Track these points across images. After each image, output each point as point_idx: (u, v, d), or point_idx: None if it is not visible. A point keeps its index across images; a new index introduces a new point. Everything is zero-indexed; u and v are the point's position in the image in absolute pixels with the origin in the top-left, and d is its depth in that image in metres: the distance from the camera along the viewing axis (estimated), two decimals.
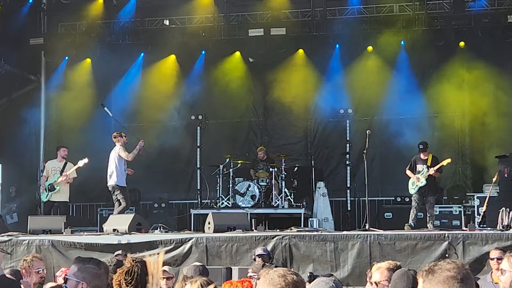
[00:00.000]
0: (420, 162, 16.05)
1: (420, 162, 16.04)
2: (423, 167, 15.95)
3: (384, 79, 20.61)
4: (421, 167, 15.97)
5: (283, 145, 21.36)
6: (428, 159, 16.00)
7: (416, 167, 16.03)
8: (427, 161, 15.97)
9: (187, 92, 21.52)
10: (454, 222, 18.39)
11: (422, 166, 15.98)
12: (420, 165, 16.01)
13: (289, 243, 12.85)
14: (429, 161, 15.95)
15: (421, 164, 16.01)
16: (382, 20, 20.09)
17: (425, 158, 16.01)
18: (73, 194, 19.04)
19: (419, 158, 16.08)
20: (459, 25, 19.72)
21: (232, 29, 20.96)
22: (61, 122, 21.65)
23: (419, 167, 16.00)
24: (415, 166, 16.07)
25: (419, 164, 16.04)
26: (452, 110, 20.58)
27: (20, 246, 13.52)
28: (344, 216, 20.44)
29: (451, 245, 12.38)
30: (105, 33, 21.19)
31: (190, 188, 21.84)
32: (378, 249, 12.56)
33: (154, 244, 13.22)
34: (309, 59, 21.24)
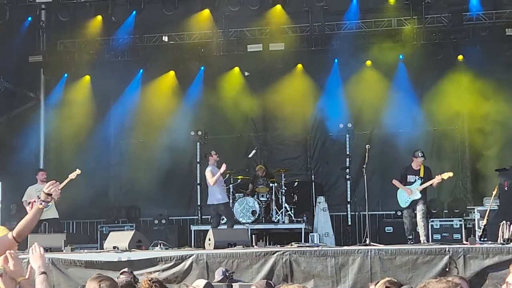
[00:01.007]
0: (411, 172, 15.27)
1: (412, 173, 15.26)
2: (415, 178, 15.20)
3: (383, 93, 20.65)
4: (412, 178, 15.22)
5: (283, 160, 21.38)
6: (420, 170, 15.24)
7: (407, 177, 15.27)
8: (419, 172, 15.21)
9: (186, 108, 21.56)
10: (455, 236, 18.37)
11: (414, 177, 15.21)
12: (411, 176, 15.24)
13: (290, 259, 12.80)
14: (422, 172, 15.16)
15: (412, 175, 15.24)
16: (380, 34, 20.15)
17: (417, 169, 15.25)
18: (73, 210, 19.09)
19: (410, 169, 15.33)
20: (457, 38, 19.82)
21: (231, 45, 21.01)
22: (61, 139, 21.66)
23: (411, 178, 15.24)
24: (406, 177, 15.32)
25: (410, 175, 15.27)
26: (452, 123, 20.62)
27: None
28: (345, 230, 20.42)
29: (452, 259, 12.33)
30: (104, 50, 21.22)
31: (190, 204, 21.84)
32: (379, 264, 12.51)
33: (154, 261, 13.17)
34: (308, 74, 21.29)
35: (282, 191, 19.28)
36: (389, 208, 19.44)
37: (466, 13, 19.65)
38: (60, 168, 19.57)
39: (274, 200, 19.21)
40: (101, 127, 21.78)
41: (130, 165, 22.19)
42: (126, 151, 22.28)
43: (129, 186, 22.34)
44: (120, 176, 22.54)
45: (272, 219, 19.14)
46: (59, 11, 20.18)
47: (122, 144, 22.39)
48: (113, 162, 22.46)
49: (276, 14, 20.08)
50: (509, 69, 19.85)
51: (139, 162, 21.88)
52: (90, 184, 19.20)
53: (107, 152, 22.22)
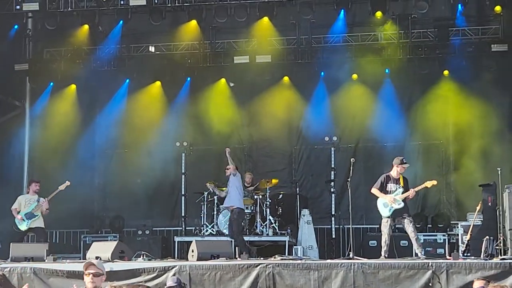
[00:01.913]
0: (391, 181, 14.57)
1: (392, 182, 14.55)
2: (396, 186, 14.47)
3: (369, 106, 20.70)
4: (393, 187, 14.49)
5: (267, 172, 21.31)
6: (400, 179, 14.56)
7: (387, 186, 14.56)
8: (399, 181, 14.55)
9: (172, 119, 21.51)
10: (438, 250, 18.37)
11: (394, 186, 14.49)
12: (392, 184, 14.53)
13: (273, 271, 12.76)
14: (402, 182, 14.51)
15: (393, 184, 14.53)
16: (367, 48, 20.20)
17: (397, 177, 14.57)
18: (56, 220, 18.94)
19: (390, 177, 14.63)
20: (443, 53, 19.92)
21: (218, 56, 21.03)
22: (45, 148, 21.52)
23: (391, 186, 14.52)
24: (385, 185, 14.57)
25: (391, 183, 14.55)
26: (437, 138, 20.68)
27: None
28: (329, 243, 20.41)
29: (435, 274, 12.31)
30: (90, 59, 21.17)
31: (174, 215, 21.76)
32: (362, 278, 12.48)
33: (137, 272, 13.09)
34: (294, 87, 21.32)
35: (266, 203, 19.25)
36: (373, 222, 19.40)
37: (452, 28, 19.74)
38: (44, 177, 19.39)
39: (259, 212, 19.16)
40: (86, 136, 21.69)
41: (114, 175, 22.10)
42: (111, 161, 22.21)
43: (113, 196, 22.26)
44: (105, 186, 22.45)
45: (256, 231, 19.08)
46: (46, 20, 20.12)
47: (107, 154, 22.30)
48: (97, 172, 22.37)
49: (263, 26, 20.09)
50: (494, 85, 19.91)
51: (123, 172, 21.79)
52: (74, 193, 19.05)
53: (92, 162, 22.12)
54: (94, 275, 8.21)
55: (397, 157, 14.89)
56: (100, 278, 8.25)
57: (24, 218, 16.48)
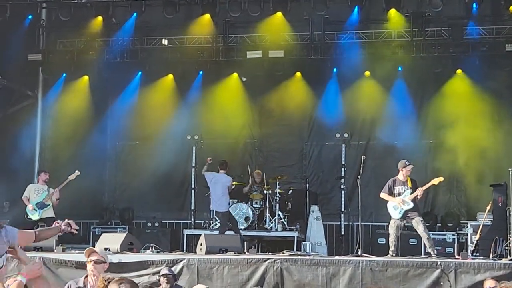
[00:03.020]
0: (399, 184, 14.72)
1: (400, 184, 14.71)
2: (404, 188, 14.61)
3: (381, 104, 20.66)
4: (402, 189, 14.63)
5: (278, 168, 21.33)
6: (407, 181, 14.70)
7: (395, 189, 14.71)
8: (407, 183, 14.68)
9: (183, 112, 21.51)
10: (447, 250, 18.32)
11: (403, 188, 14.63)
12: (400, 186, 14.67)
13: (281, 267, 12.77)
14: (409, 183, 14.64)
15: (401, 186, 14.67)
16: (380, 46, 20.09)
17: (404, 180, 14.71)
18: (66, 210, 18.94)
19: (398, 180, 14.77)
20: (456, 52, 19.78)
21: (230, 51, 20.99)
22: (57, 138, 21.59)
23: (399, 189, 14.66)
24: (393, 188, 14.73)
25: (399, 186, 14.70)
26: (448, 136, 20.54)
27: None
28: (338, 240, 20.39)
29: (444, 273, 12.31)
30: (103, 51, 21.17)
31: (184, 208, 21.80)
32: (370, 275, 12.49)
33: (145, 264, 13.13)
34: (306, 82, 21.27)
35: (276, 198, 19.26)
36: (382, 220, 19.31)
37: (466, 27, 19.63)
38: (55, 167, 19.54)
39: (268, 207, 19.19)
40: (98, 128, 21.73)
41: (125, 167, 22.18)
42: (122, 153, 22.28)
43: (124, 188, 22.33)
44: (115, 177, 22.53)
45: (265, 226, 19.10)
46: (59, 10, 20.11)
47: (118, 146, 22.37)
48: (108, 163, 22.45)
49: (276, 21, 20.05)
50: (507, 85, 19.88)
51: (134, 164, 21.86)
52: (85, 184, 19.09)
53: (103, 153, 22.18)
54: (96, 262, 8.26)
55: (401, 160, 14.99)
56: (101, 265, 8.28)
57: (35, 207, 16.52)
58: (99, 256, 8.30)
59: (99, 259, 8.29)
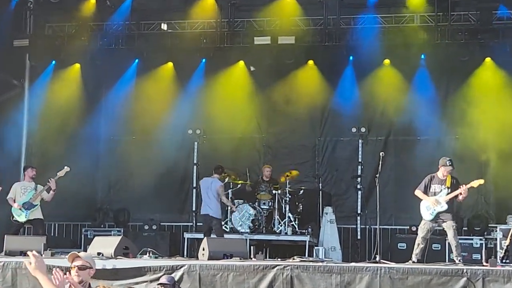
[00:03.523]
0: (437, 182, 14.68)
1: (437, 182, 14.66)
2: (441, 188, 14.57)
3: (402, 95, 20.63)
4: (438, 188, 14.60)
5: (288, 165, 21.32)
6: (447, 179, 14.63)
7: (431, 187, 14.67)
8: (445, 182, 14.62)
9: (184, 104, 21.54)
10: (474, 256, 18.33)
11: (439, 187, 14.59)
12: (436, 185, 14.65)
13: (291, 274, 12.79)
14: (448, 182, 14.60)
15: (438, 185, 14.63)
16: (401, 31, 20.10)
17: (443, 178, 14.66)
18: (55, 211, 19.05)
19: (436, 178, 14.72)
20: (485, 39, 19.77)
21: (236, 36, 21.02)
22: (45, 132, 21.64)
23: (435, 187, 14.64)
24: (429, 186, 14.69)
25: (435, 184, 14.67)
26: (476, 131, 20.51)
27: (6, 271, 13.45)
28: (354, 245, 20.44)
29: (470, 282, 12.30)
30: (96, 36, 21.23)
31: (184, 210, 21.85)
32: (389, 284, 12.49)
33: (142, 271, 13.15)
34: (319, 71, 21.28)
35: (286, 199, 19.28)
36: (402, 223, 19.45)
37: (496, 11, 19.62)
38: (44, 163, 19.62)
39: (277, 208, 19.21)
40: (91, 121, 21.79)
41: (120, 164, 22.20)
42: (117, 148, 22.27)
43: (119, 187, 22.39)
44: (109, 175, 22.57)
45: (273, 229, 19.13)
46: None
47: (113, 141, 22.39)
48: (102, 160, 22.47)
49: (287, 4, 20.10)
50: None
51: (130, 161, 21.89)
52: (76, 183, 19.19)
53: (96, 149, 22.23)
54: (80, 268, 8.21)
55: (443, 157, 14.98)
56: (87, 271, 8.24)
57: (22, 208, 16.52)
58: (83, 261, 8.29)
59: (83, 264, 8.27)
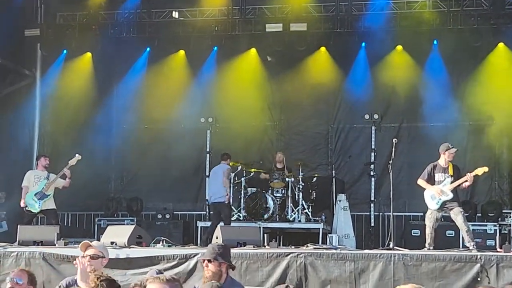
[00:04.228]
0: (440, 170, 14.57)
1: (440, 171, 14.56)
2: (444, 176, 14.46)
3: (415, 82, 20.59)
4: (442, 177, 14.48)
5: (301, 153, 21.37)
6: (449, 167, 14.54)
7: (434, 176, 14.56)
8: (448, 170, 14.53)
9: (196, 92, 21.55)
10: (488, 242, 18.32)
11: (443, 175, 14.48)
12: (440, 174, 14.53)
13: (305, 261, 12.79)
14: (451, 171, 14.51)
15: (441, 173, 14.53)
16: (413, 17, 20.05)
17: (446, 166, 14.56)
18: (68, 201, 19.10)
19: (438, 166, 14.62)
20: (498, 24, 19.69)
21: (248, 24, 20.99)
22: (58, 122, 21.73)
23: (439, 176, 14.52)
24: (432, 175, 14.60)
25: (439, 173, 14.55)
26: (489, 118, 20.48)
27: (7, 258, 13.46)
28: (367, 232, 20.45)
29: (484, 268, 12.29)
30: (107, 25, 21.26)
31: (198, 198, 21.87)
32: (402, 271, 12.49)
33: (155, 260, 13.18)
34: (332, 58, 21.25)
35: (299, 186, 19.29)
36: (416, 209, 19.37)
37: None
38: (56, 153, 19.63)
39: (290, 196, 19.22)
40: (103, 110, 21.82)
41: (133, 153, 22.24)
42: (129, 137, 22.29)
43: (131, 176, 22.42)
44: (122, 164, 22.61)
45: (287, 217, 19.14)
46: None
47: (125, 130, 22.40)
48: (114, 149, 22.48)
49: None
50: None
51: (143, 150, 21.95)
52: (89, 172, 19.23)
53: (109, 138, 22.22)
54: (92, 257, 8.26)
55: (443, 143, 14.88)
56: (99, 261, 8.29)
57: (34, 199, 16.54)
58: (96, 251, 8.32)
59: (96, 253, 8.30)
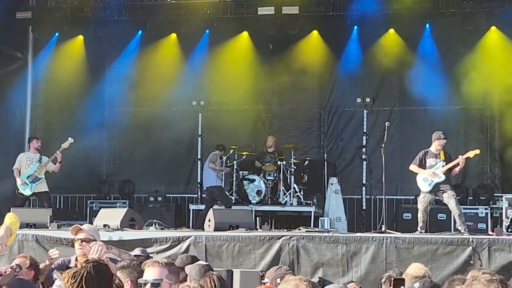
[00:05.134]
0: (431, 156, 14.82)
1: (432, 156, 14.81)
2: (436, 161, 14.70)
3: (407, 65, 20.56)
4: (433, 161, 14.72)
5: (293, 136, 21.39)
6: (440, 154, 14.80)
7: (426, 162, 14.79)
8: (439, 156, 14.78)
9: (188, 75, 21.53)
10: (479, 225, 18.40)
11: (434, 160, 14.72)
12: (431, 159, 14.77)
13: (297, 244, 12.87)
14: (442, 156, 14.75)
15: (433, 158, 14.77)
16: (406, 0, 20.01)
17: (437, 153, 14.82)
18: (60, 184, 19.10)
19: (430, 152, 14.87)
20: (491, 7, 19.64)
21: (240, 7, 20.90)
22: (49, 105, 21.69)
23: (431, 161, 14.76)
24: (424, 161, 14.81)
25: (430, 158, 14.80)
26: (482, 101, 20.53)
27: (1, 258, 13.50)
28: (359, 215, 20.51)
29: (476, 251, 12.37)
30: (99, 7, 21.13)
31: (190, 181, 21.90)
32: (394, 254, 12.57)
33: (148, 242, 13.23)
34: (324, 42, 21.24)
35: (291, 170, 19.31)
36: (408, 193, 19.43)
37: None
38: (48, 136, 19.58)
39: (282, 179, 19.25)
40: (95, 93, 21.77)
41: (125, 136, 22.24)
42: (122, 120, 22.29)
43: (124, 159, 22.43)
44: (114, 147, 22.61)
45: (279, 200, 19.19)
46: None
47: (117, 113, 22.38)
48: (106, 132, 22.47)
49: None
50: None
51: (135, 133, 21.92)
52: (81, 155, 19.24)
53: (101, 121, 22.20)
54: (83, 240, 8.25)
55: (436, 131, 15.06)
56: None
57: (26, 182, 16.56)
58: (87, 234, 8.31)
59: (87, 237, 8.30)
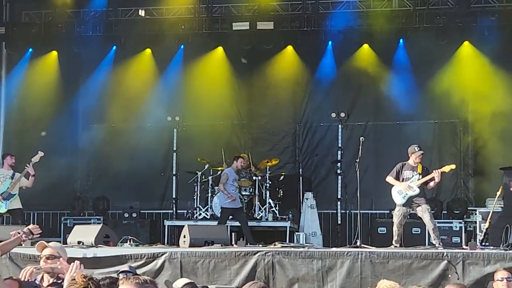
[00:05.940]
0: (408, 168, 14.85)
1: (409, 169, 14.84)
2: (412, 173, 14.75)
3: (381, 80, 20.70)
4: (410, 174, 14.77)
5: (268, 151, 21.38)
6: (418, 167, 14.83)
7: (403, 173, 14.82)
8: (417, 169, 14.81)
9: (163, 91, 21.51)
10: (454, 239, 18.47)
11: (411, 173, 14.77)
12: (408, 171, 14.81)
13: (273, 260, 12.86)
14: (420, 169, 14.79)
15: (409, 171, 14.82)
16: (379, 16, 20.11)
17: (415, 165, 14.85)
18: (34, 200, 18.99)
19: (407, 165, 14.90)
20: (463, 22, 19.79)
21: (215, 22, 20.97)
22: (23, 121, 21.62)
23: (407, 173, 14.80)
24: (401, 173, 14.84)
25: (407, 170, 14.84)
26: (455, 116, 20.67)
27: None
28: (334, 230, 20.52)
29: (450, 265, 12.41)
30: (73, 23, 21.14)
31: (165, 197, 21.84)
32: (370, 268, 12.58)
33: (123, 259, 13.18)
34: (299, 57, 21.30)
35: (266, 185, 19.32)
36: (382, 207, 19.50)
37: None
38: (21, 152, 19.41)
39: (258, 195, 19.24)
40: (69, 109, 21.72)
41: (99, 151, 22.14)
42: (96, 136, 22.19)
43: (98, 175, 22.32)
44: (88, 163, 22.49)
45: (254, 215, 19.17)
46: None
47: (92, 129, 22.30)
48: (80, 148, 22.34)
49: None
50: None
51: (109, 148, 21.84)
52: (55, 171, 19.17)
53: (75, 137, 22.13)
54: (48, 257, 8.26)
55: (412, 145, 15.12)
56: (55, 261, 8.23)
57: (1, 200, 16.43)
58: (52, 251, 8.27)
59: (52, 254, 8.26)
